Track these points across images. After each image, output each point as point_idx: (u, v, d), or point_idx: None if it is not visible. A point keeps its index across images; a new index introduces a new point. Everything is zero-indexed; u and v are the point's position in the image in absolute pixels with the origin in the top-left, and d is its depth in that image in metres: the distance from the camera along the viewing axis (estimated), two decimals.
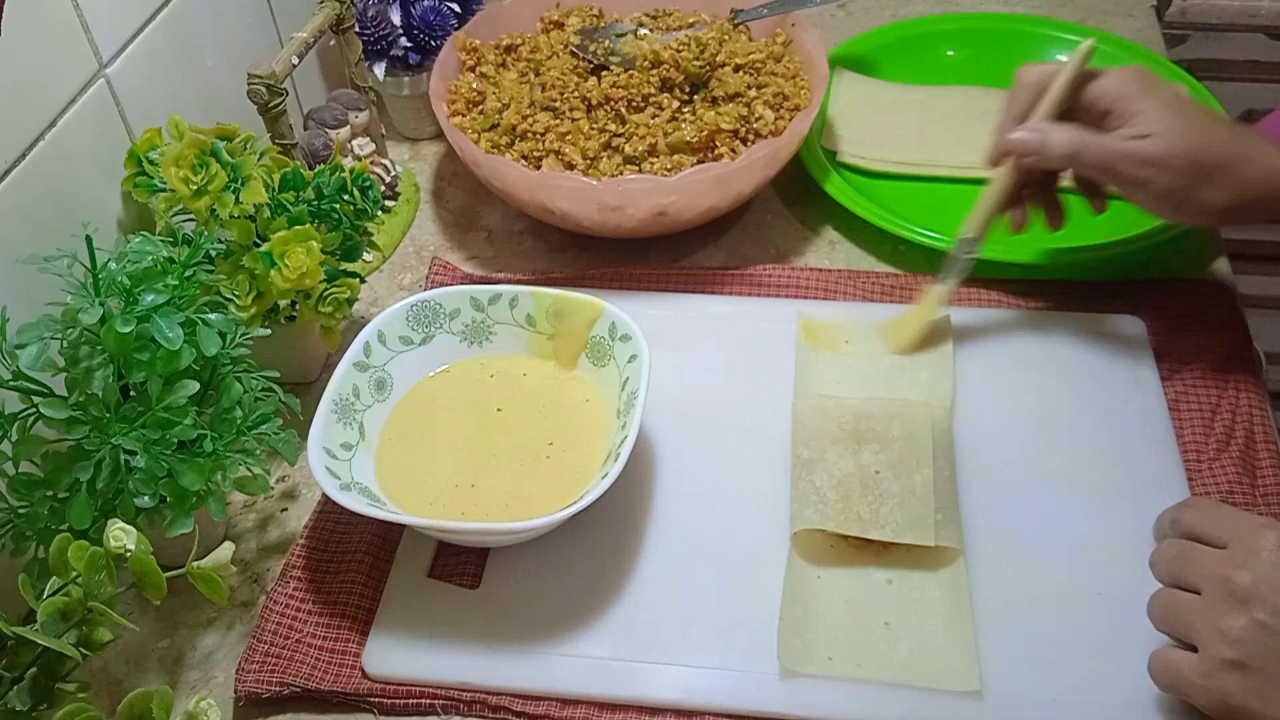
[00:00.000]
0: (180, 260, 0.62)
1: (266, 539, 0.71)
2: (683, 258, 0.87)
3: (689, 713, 0.60)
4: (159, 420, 0.58)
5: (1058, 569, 0.65)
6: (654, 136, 0.82)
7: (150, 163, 0.71)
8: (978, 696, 0.59)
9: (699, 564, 0.66)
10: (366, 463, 0.68)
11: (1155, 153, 0.66)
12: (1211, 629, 0.53)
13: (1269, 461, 0.69)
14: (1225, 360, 0.75)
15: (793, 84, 0.87)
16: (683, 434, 0.73)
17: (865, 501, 0.65)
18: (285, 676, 0.62)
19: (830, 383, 0.75)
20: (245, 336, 0.63)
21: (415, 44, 0.94)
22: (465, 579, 0.66)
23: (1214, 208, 0.68)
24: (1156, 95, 0.68)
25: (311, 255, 0.68)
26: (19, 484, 0.57)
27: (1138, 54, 1.00)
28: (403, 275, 0.88)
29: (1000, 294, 0.81)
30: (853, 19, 1.10)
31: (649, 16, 0.95)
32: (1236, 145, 0.67)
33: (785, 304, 0.81)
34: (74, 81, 0.69)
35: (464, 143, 0.82)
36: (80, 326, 0.58)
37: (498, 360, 0.75)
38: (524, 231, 0.91)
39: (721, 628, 0.63)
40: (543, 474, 0.68)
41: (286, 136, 0.81)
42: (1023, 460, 0.70)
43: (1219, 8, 1.22)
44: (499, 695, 0.61)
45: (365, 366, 0.70)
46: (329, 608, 0.66)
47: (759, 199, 0.90)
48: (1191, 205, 0.68)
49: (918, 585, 0.64)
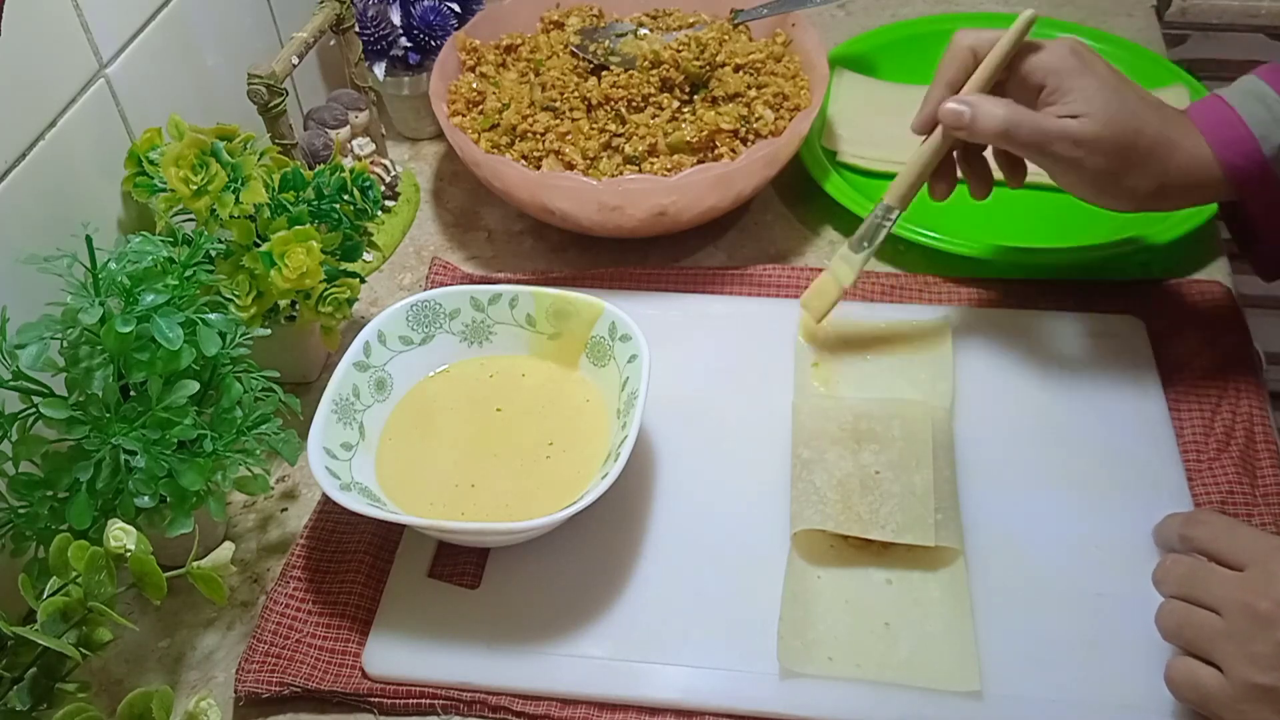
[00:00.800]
0: (180, 260, 0.62)
1: (266, 539, 0.71)
2: (683, 258, 0.87)
3: (689, 713, 0.60)
4: (159, 420, 0.58)
5: (1058, 569, 0.65)
6: (654, 136, 0.82)
7: (150, 163, 0.71)
8: (978, 696, 0.59)
9: (699, 564, 0.66)
10: (366, 463, 0.68)
11: (1085, 134, 0.66)
12: (1239, 653, 0.53)
13: (1269, 462, 0.69)
14: (1225, 360, 0.75)
15: (793, 84, 0.87)
16: (683, 434, 0.73)
17: (865, 502, 0.65)
18: (285, 676, 0.62)
19: (829, 382, 0.75)
20: (245, 336, 0.63)
21: (415, 44, 0.94)
22: (465, 579, 0.66)
23: (1140, 193, 0.67)
24: (1092, 73, 0.67)
25: (311, 255, 0.68)
26: (19, 484, 0.57)
27: (1138, 54, 1.00)
28: (403, 275, 0.88)
29: (1000, 294, 0.81)
30: (853, 19, 1.10)
31: (649, 16, 0.95)
32: (1166, 131, 0.67)
33: (785, 304, 0.81)
34: (74, 81, 0.69)
35: (464, 143, 0.82)
36: (80, 326, 0.58)
37: (498, 360, 0.75)
38: (524, 231, 0.91)
39: (721, 628, 0.63)
40: (543, 474, 0.68)
41: (286, 136, 0.81)
42: (1023, 460, 0.70)
43: (1219, 8, 1.22)
44: (499, 695, 0.61)
45: (365, 366, 0.70)
46: (329, 608, 0.66)
47: (759, 199, 0.90)
48: (1117, 189, 0.67)
49: (918, 585, 0.64)
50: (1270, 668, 0.52)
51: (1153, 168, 0.66)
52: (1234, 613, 0.54)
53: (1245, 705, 0.53)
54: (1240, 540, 0.57)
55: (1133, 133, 0.66)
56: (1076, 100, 0.66)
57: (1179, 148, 0.67)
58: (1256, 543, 0.56)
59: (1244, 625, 0.53)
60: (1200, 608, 0.56)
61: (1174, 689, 0.57)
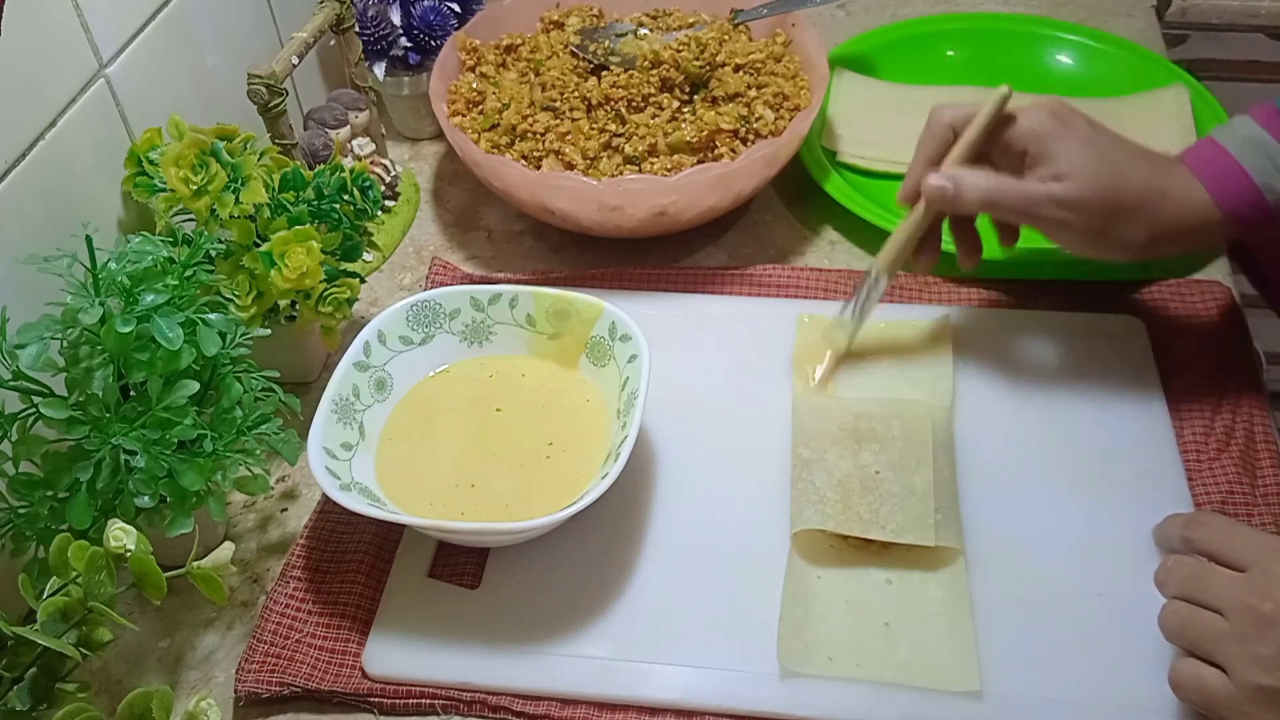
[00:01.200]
0: (180, 260, 0.62)
1: (266, 539, 0.71)
2: (683, 258, 0.87)
3: (689, 713, 0.60)
4: (159, 420, 0.58)
5: (1058, 569, 0.64)
6: (654, 136, 0.82)
7: (150, 163, 0.71)
8: (978, 696, 0.59)
9: (699, 564, 0.66)
10: (366, 463, 0.68)
11: (1070, 195, 0.66)
12: (1243, 655, 0.53)
13: (1269, 462, 0.69)
14: (1225, 360, 0.75)
15: (793, 84, 0.87)
16: (683, 434, 0.73)
17: (865, 501, 0.65)
18: (285, 676, 0.62)
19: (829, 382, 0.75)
20: (245, 336, 0.63)
21: (415, 44, 0.94)
22: (465, 579, 0.66)
23: (1134, 243, 0.68)
24: (1072, 134, 0.67)
25: (311, 255, 0.68)
26: (19, 484, 0.57)
27: (1138, 54, 1.00)
28: (403, 275, 0.88)
29: (1000, 294, 0.81)
30: (853, 19, 1.10)
31: (649, 16, 0.95)
32: (1155, 181, 0.67)
33: (785, 304, 0.81)
34: (74, 81, 0.69)
35: (464, 143, 0.82)
36: (80, 326, 0.58)
37: (498, 360, 0.75)
38: (524, 231, 0.91)
39: (721, 628, 0.63)
40: (543, 474, 0.68)
41: (286, 136, 0.81)
42: (1023, 460, 0.70)
43: (1219, 8, 1.22)
44: (499, 695, 0.61)
45: (365, 366, 0.70)
46: (329, 608, 0.66)
47: (759, 199, 0.90)
48: (1110, 242, 0.68)
49: (918, 585, 0.64)
50: (1274, 669, 0.52)
51: (1142, 219, 0.67)
52: (1237, 614, 0.54)
53: (1249, 707, 0.53)
54: (1242, 541, 0.57)
55: (1117, 190, 0.66)
56: (1059, 162, 0.67)
57: (1169, 196, 0.67)
58: (1258, 544, 0.57)
59: (1247, 627, 0.54)
60: (1203, 609, 0.56)
61: (1178, 691, 0.57)
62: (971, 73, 1.01)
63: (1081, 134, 0.68)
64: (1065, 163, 0.67)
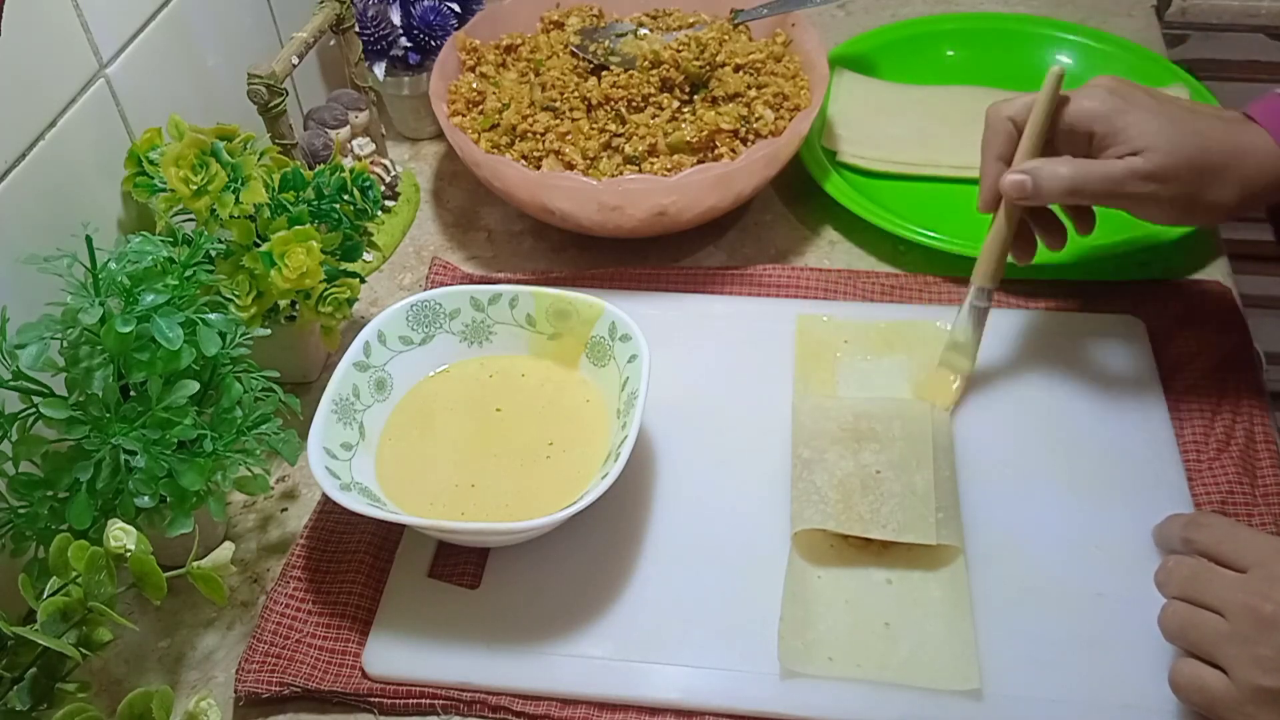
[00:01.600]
0: (180, 260, 0.62)
1: (266, 539, 0.71)
2: (683, 258, 0.87)
3: (689, 713, 0.60)
4: (159, 420, 0.58)
5: (1058, 569, 0.65)
6: (654, 136, 0.82)
7: (150, 163, 0.71)
8: (978, 696, 0.59)
9: (699, 564, 0.66)
10: (366, 463, 0.68)
11: (1153, 168, 0.65)
12: (1244, 656, 0.53)
13: (1269, 462, 0.69)
14: (1225, 360, 0.75)
15: (793, 84, 0.87)
16: (683, 434, 0.73)
17: (866, 501, 0.65)
18: (285, 676, 0.62)
19: (829, 382, 0.75)
20: (245, 336, 0.63)
21: (415, 44, 0.94)
22: (465, 579, 0.66)
23: (1225, 205, 0.66)
24: (1137, 106, 0.66)
25: (311, 255, 0.68)
26: (19, 484, 0.57)
27: (1138, 54, 1.00)
28: (403, 275, 0.88)
29: (1000, 294, 0.81)
30: (853, 19, 1.10)
31: (649, 16, 0.95)
32: (1232, 139, 0.66)
33: (785, 304, 0.81)
34: (74, 81, 0.69)
35: (464, 143, 0.82)
36: (80, 326, 0.58)
37: (498, 360, 0.75)
38: (524, 231, 0.91)
39: (721, 628, 0.63)
40: (543, 474, 0.68)
41: (286, 136, 0.81)
42: (1023, 460, 0.70)
43: (1219, 8, 1.22)
44: (499, 695, 0.61)
45: (365, 366, 0.70)
46: (329, 608, 0.66)
47: (759, 199, 0.90)
48: (1202, 207, 0.67)
49: (918, 585, 0.64)
50: (1275, 670, 0.52)
51: (1229, 177, 0.65)
52: (1238, 615, 0.54)
53: (1251, 708, 0.53)
54: (1242, 542, 0.57)
55: (1201, 152, 0.65)
56: (1133, 137, 0.65)
57: (1250, 150, 0.66)
58: (1259, 545, 0.56)
59: (1248, 628, 0.53)
60: (1203, 609, 0.56)
61: (1179, 691, 0.57)
62: (971, 73, 1.01)
63: (1147, 104, 0.66)
64: (1140, 136, 0.65)
